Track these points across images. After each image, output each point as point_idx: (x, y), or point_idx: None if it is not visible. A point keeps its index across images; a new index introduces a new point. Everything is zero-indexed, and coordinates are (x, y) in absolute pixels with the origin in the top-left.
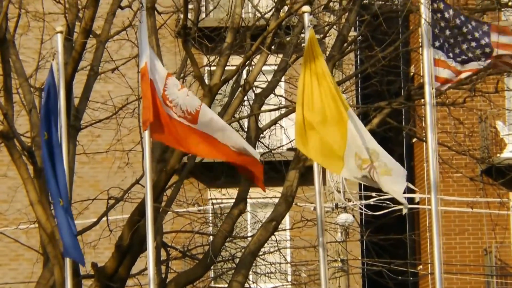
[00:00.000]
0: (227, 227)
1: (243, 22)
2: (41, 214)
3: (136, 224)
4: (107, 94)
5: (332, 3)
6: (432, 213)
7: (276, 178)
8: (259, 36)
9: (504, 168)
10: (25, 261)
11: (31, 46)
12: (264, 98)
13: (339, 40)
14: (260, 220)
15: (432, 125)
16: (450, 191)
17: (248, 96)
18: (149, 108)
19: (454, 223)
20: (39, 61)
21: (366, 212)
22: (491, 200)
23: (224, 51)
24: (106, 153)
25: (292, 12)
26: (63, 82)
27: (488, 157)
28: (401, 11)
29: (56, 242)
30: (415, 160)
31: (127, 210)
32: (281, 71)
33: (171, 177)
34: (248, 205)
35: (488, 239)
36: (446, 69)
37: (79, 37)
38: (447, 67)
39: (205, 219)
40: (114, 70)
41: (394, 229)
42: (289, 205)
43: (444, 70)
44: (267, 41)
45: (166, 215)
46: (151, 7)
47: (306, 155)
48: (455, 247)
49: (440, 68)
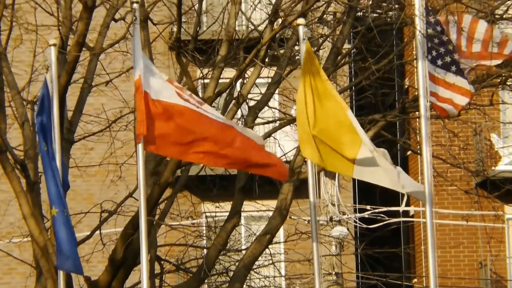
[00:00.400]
0: (221, 240)
1: (237, 34)
2: (34, 228)
3: (130, 238)
4: (101, 107)
5: (326, 16)
6: (427, 226)
7: (270, 191)
8: (252, 49)
9: (499, 181)
10: (18, 275)
11: (24, 59)
12: (258, 111)
13: (333, 52)
14: (254, 233)
15: (426, 138)
16: (445, 204)
17: (241, 109)
18: (142, 121)
19: (449, 236)
20: (32, 74)
21: (361, 225)
22: (486, 213)
23: (218, 64)
24: (99, 166)
25: (286, 24)
26: (56, 95)
27: (483, 170)
28: (395, 23)
29: (49, 256)
30: (410, 173)
31: (121, 224)
32: (275, 84)
33: (164, 190)
34: (242, 218)
35: (483, 252)
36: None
37: (73, 50)
38: (443, 85)
39: (198, 232)
40: (108, 83)
41: (389, 242)
42: (284, 218)
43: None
44: (261, 53)
45: (160, 229)
46: (144, 19)
47: (315, 163)
48: (450, 260)
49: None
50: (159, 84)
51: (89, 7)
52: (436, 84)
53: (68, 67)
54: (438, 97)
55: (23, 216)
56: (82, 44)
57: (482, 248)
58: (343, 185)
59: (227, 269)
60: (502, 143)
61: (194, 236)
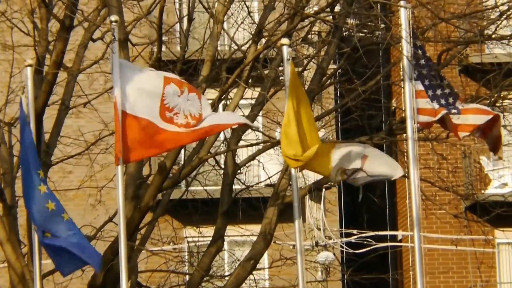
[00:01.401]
0: (203, 266)
1: (219, 54)
2: (10, 253)
3: (110, 263)
4: (79, 129)
5: (311, 36)
6: (415, 251)
7: (254, 215)
8: (235, 69)
9: (489, 204)
10: None
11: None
12: (242, 133)
13: (318, 73)
14: (238, 258)
15: (414, 160)
16: (433, 228)
17: (224, 132)
18: (118, 141)
19: (438, 261)
20: (8, 95)
21: (347, 250)
22: (475, 237)
23: (200, 84)
24: (78, 190)
25: (270, 44)
26: (32, 116)
27: (473, 193)
28: (381, 43)
29: (26, 282)
30: (398, 196)
31: (100, 249)
32: (259, 105)
33: (145, 215)
34: (226, 243)
35: (474, 278)
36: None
37: (50, 70)
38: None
39: (180, 258)
40: (86, 104)
41: (377, 267)
42: (268, 243)
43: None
44: (244, 74)
45: (141, 254)
46: (124, 39)
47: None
48: (439, 286)
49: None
50: (140, 98)
51: (67, 26)
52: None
53: (46, 87)
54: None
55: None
56: (60, 64)
57: (472, 273)
58: (329, 209)
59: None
60: (492, 166)
61: (176, 262)
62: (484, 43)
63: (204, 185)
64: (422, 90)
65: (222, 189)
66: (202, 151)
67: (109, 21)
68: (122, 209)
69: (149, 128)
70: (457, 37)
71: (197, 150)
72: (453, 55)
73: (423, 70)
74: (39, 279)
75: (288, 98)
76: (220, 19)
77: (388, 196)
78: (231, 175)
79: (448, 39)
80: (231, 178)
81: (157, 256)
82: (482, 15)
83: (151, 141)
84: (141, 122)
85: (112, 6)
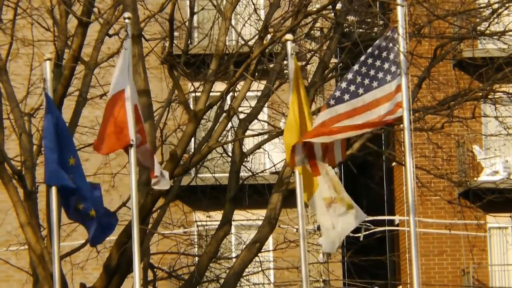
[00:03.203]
0: (212, 248)
1: (227, 49)
2: (31, 236)
3: (124, 246)
4: (95, 119)
5: (314, 31)
6: (411, 235)
7: (260, 201)
8: (243, 63)
9: (481, 191)
10: (15, 282)
11: (20, 72)
12: (248, 123)
13: (320, 66)
14: (244, 241)
15: (410, 149)
16: (428, 214)
17: (232, 122)
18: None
19: (433, 244)
20: (29, 87)
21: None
22: (468, 222)
23: (209, 78)
24: (94, 177)
25: (275, 40)
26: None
27: (466, 180)
28: (379, 39)
29: (45, 263)
30: (395, 183)
31: (115, 232)
32: (265, 97)
33: (157, 200)
34: (233, 227)
35: (466, 260)
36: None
37: (68, 64)
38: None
39: (190, 240)
40: (102, 96)
41: (375, 250)
42: (273, 227)
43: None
44: (251, 67)
45: (153, 237)
46: (137, 35)
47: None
48: (433, 267)
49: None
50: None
51: (84, 23)
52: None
53: (64, 80)
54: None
55: (20, 225)
56: (78, 58)
57: (465, 256)
58: None
59: (218, 277)
60: (484, 155)
61: (185, 245)
62: (477, 39)
63: (213, 172)
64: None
65: (229, 176)
66: (211, 140)
67: (122, 18)
68: (134, 195)
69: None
70: (451, 33)
71: (206, 139)
72: (448, 50)
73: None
74: (57, 260)
75: (292, 91)
76: (228, 16)
77: (386, 183)
78: (238, 162)
79: (442, 35)
80: (238, 166)
81: (168, 239)
82: (475, 13)
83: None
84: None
85: (126, 5)
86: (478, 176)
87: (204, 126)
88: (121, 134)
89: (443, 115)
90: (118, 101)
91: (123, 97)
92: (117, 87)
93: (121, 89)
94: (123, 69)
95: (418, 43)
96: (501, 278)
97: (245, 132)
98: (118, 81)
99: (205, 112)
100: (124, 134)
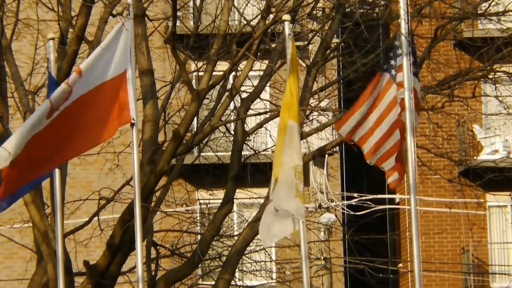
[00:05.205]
0: (214, 226)
1: (230, 29)
2: (35, 214)
3: (127, 224)
4: None
5: (316, 11)
6: (411, 213)
7: (261, 179)
8: (245, 43)
9: (481, 170)
10: (19, 259)
11: (24, 52)
12: (250, 102)
13: (322, 46)
14: (246, 220)
15: (411, 129)
16: (429, 192)
17: (234, 101)
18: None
19: (433, 223)
20: (33, 66)
21: (348, 212)
22: (468, 201)
23: (212, 57)
24: (98, 155)
25: (277, 20)
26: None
27: (466, 159)
28: (381, 19)
29: (49, 241)
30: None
31: (118, 210)
32: (267, 77)
33: (160, 179)
34: (235, 206)
35: (466, 238)
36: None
37: (72, 44)
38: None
39: (193, 218)
40: None
41: (376, 228)
42: None
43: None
44: (253, 47)
45: (156, 215)
46: (141, 15)
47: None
48: (434, 246)
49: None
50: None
51: (88, 2)
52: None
53: (68, 59)
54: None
55: (24, 203)
56: (81, 38)
57: (465, 234)
58: (331, 173)
59: (220, 254)
60: (484, 134)
61: (188, 223)
62: (477, 19)
63: (215, 151)
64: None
65: (232, 154)
66: (213, 119)
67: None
68: (137, 174)
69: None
70: (451, 13)
71: (208, 118)
72: (448, 30)
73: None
74: (61, 237)
75: (290, 71)
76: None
77: None
78: (240, 141)
79: (443, 15)
80: (240, 145)
81: (171, 217)
82: None
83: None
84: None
85: None
86: (478, 155)
87: (207, 105)
88: (122, 114)
89: (443, 95)
90: (122, 83)
91: (125, 79)
92: (120, 68)
93: (123, 70)
94: (125, 50)
95: (418, 23)
96: (501, 256)
97: (247, 111)
98: (120, 60)
99: (207, 92)
100: (124, 114)
